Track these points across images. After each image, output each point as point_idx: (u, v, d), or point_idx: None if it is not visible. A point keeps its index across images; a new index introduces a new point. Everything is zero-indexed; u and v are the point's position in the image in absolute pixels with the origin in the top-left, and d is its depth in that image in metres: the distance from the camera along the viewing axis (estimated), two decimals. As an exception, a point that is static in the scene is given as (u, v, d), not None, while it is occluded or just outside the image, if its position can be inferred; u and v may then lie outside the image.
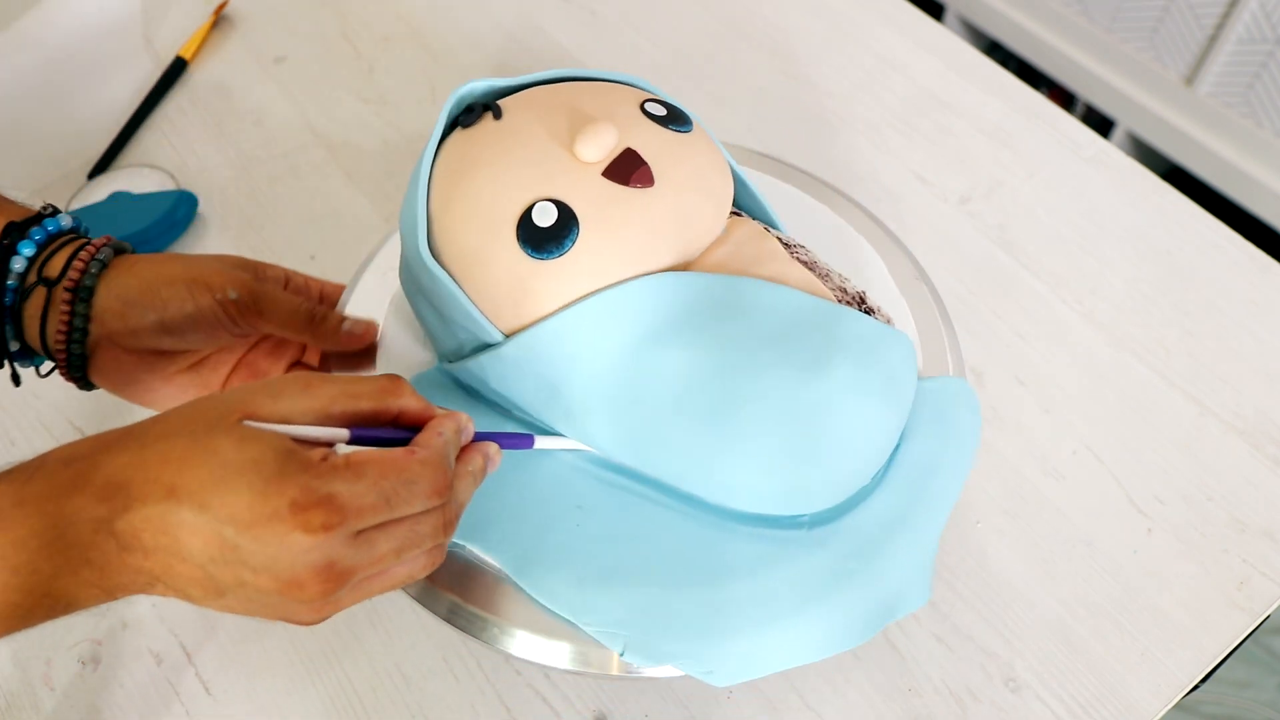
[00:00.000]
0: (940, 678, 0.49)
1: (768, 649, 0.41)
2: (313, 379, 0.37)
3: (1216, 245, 0.64)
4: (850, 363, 0.42)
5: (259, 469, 0.32)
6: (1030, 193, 0.67)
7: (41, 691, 0.51)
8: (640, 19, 0.79)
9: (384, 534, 0.34)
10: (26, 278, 0.46)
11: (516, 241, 0.43)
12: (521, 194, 0.43)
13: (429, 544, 0.36)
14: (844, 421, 0.42)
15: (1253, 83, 1.26)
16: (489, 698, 0.50)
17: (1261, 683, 1.07)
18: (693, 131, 0.47)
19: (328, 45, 0.79)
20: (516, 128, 0.45)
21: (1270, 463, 0.56)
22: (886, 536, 0.43)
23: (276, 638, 0.52)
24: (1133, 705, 0.48)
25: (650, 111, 0.46)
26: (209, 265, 0.47)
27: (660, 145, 0.45)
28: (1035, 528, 0.54)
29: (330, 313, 0.49)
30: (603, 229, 0.43)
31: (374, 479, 0.34)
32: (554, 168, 0.43)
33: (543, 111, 0.46)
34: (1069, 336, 0.61)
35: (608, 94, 0.47)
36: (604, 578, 0.42)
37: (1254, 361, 0.59)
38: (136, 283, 0.46)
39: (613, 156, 0.44)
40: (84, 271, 0.46)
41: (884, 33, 0.76)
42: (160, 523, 0.32)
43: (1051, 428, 0.57)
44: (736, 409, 0.42)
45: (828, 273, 0.46)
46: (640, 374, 0.43)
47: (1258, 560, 0.52)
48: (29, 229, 0.46)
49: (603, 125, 0.43)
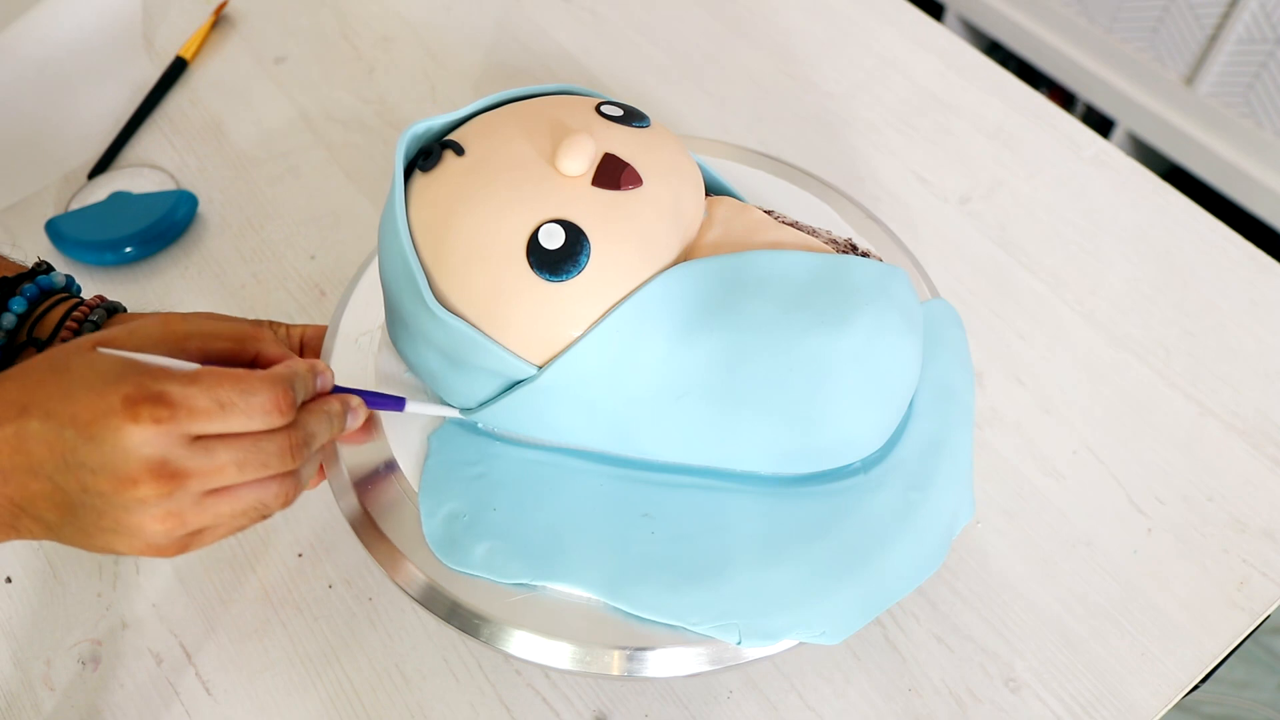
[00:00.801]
0: (940, 678, 0.49)
1: (867, 594, 0.42)
2: (172, 318, 0.38)
3: (1216, 245, 0.64)
4: (871, 306, 0.44)
5: (102, 376, 0.34)
6: (1030, 193, 0.67)
7: (41, 691, 0.51)
8: (640, 19, 0.79)
9: (223, 444, 0.35)
10: (16, 335, 0.46)
11: (530, 270, 0.42)
12: (522, 221, 0.42)
13: (275, 466, 0.37)
14: (882, 363, 0.44)
15: (1253, 83, 1.26)
16: (489, 698, 0.50)
17: (1261, 683, 1.07)
18: (651, 125, 0.48)
19: (328, 45, 0.79)
20: (486, 158, 0.44)
21: (1270, 463, 0.56)
22: (935, 461, 0.45)
23: (276, 638, 0.52)
24: (1133, 705, 0.48)
25: (608, 114, 0.47)
26: (196, 339, 0.43)
27: (631, 144, 0.45)
28: (1035, 528, 0.54)
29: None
30: (612, 238, 0.43)
31: (209, 385, 0.35)
32: (544, 188, 0.43)
33: (506, 137, 0.45)
34: (1069, 336, 0.61)
35: (561, 106, 0.47)
36: (695, 576, 0.43)
37: (1254, 361, 0.59)
38: (131, 323, 0.46)
39: (595, 165, 0.44)
40: (76, 333, 0.46)
41: (884, 33, 0.76)
42: (15, 440, 0.34)
43: (1051, 428, 0.57)
44: (781, 379, 0.43)
45: (814, 229, 0.48)
46: (681, 369, 0.43)
47: (1258, 560, 0.52)
48: (21, 285, 0.47)
49: (580, 136, 0.43)
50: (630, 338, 0.43)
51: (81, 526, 0.35)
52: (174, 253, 0.67)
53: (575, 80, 0.75)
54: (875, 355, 0.43)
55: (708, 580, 0.42)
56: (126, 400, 0.34)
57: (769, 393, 0.43)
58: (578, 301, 0.42)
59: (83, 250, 0.65)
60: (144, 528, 0.35)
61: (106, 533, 0.35)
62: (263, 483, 0.37)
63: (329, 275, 0.65)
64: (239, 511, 0.37)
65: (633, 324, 0.43)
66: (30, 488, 0.35)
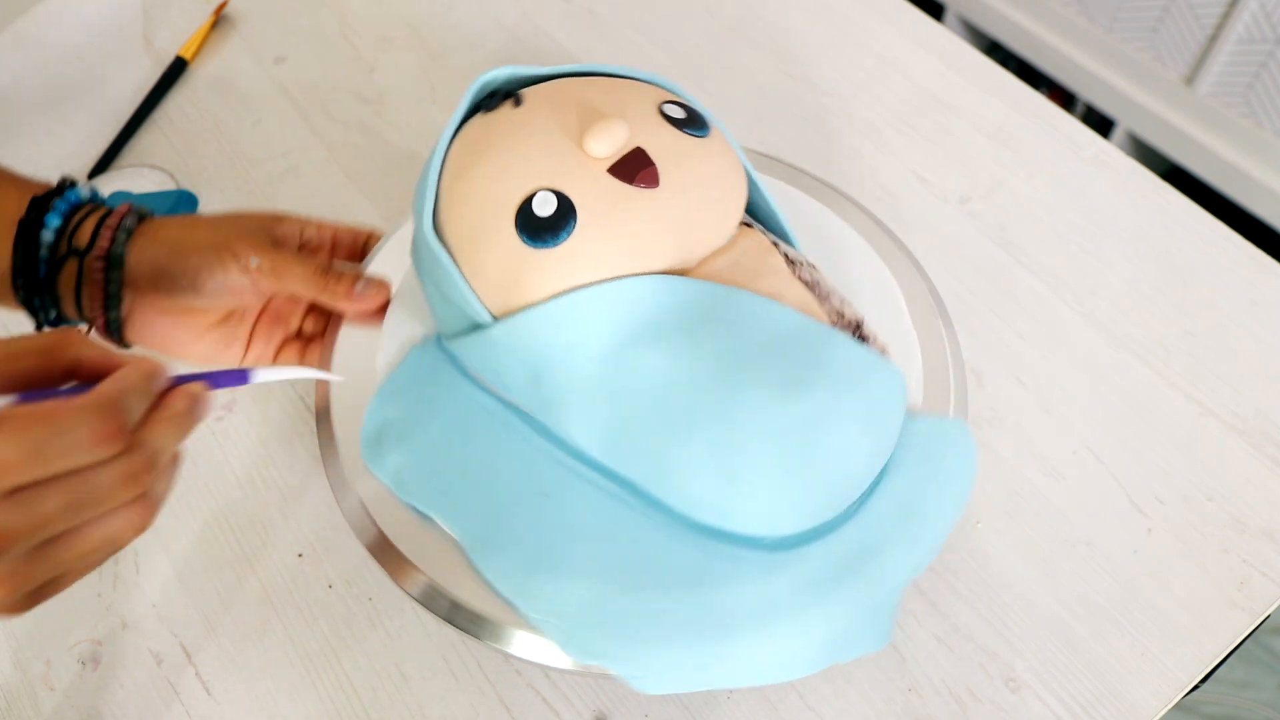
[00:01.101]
0: (940, 678, 0.49)
1: (702, 664, 0.40)
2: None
3: (1216, 245, 0.64)
4: (830, 387, 0.41)
5: None
6: (1030, 193, 0.67)
7: (41, 692, 0.51)
8: (640, 19, 0.79)
9: (47, 491, 0.32)
10: (56, 249, 0.48)
11: (514, 228, 0.43)
12: (525, 182, 0.43)
13: (116, 498, 0.33)
14: (817, 447, 0.41)
15: (1253, 83, 1.26)
16: (489, 698, 0.50)
17: (1261, 683, 1.07)
18: (709, 136, 0.47)
19: (328, 45, 0.79)
20: (532, 117, 0.45)
21: (1270, 463, 0.56)
22: (847, 573, 0.41)
23: (276, 637, 0.52)
24: (1133, 705, 0.48)
25: (668, 113, 0.46)
26: (232, 231, 0.49)
27: (672, 148, 0.45)
28: (1035, 528, 0.54)
29: (344, 276, 0.50)
30: (601, 224, 0.43)
31: (15, 432, 0.31)
32: (561, 160, 0.44)
33: (560, 104, 0.46)
34: (1069, 336, 0.61)
35: (627, 91, 0.47)
36: (554, 567, 0.42)
37: (1254, 361, 0.59)
38: (165, 250, 0.48)
39: (621, 154, 0.44)
40: (113, 240, 0.48)
41: (884, 33, 0.76)
42: None
43: (1051, 428, 0.57)
44: (708, 421, 0.41)
45: (829, 294, 0.46)
46: (619, 373, 0.43)
47: (1258, 560, 0.52)
48: (52, 201, 0.48)
49: (614, 122, 0.43)
50: (581, 324, 0.43)
51: None
52: (174, 253, 0.67)
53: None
54: (814, 437, 0.40)
55: (563, 578, 0.42)
56: None
57: (694, 433, 0.41)
58: (546, 271, 0.43)
59: (83, 250, 0.65)
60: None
61: None
62: (106, 518, 0.34)
63: (329, 275, 0.65)
64: (86, 553, 0.34)
65: (588, 312, 0.43)
66: None
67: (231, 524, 0.56)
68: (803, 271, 0.46)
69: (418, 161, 0.71)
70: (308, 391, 0.60)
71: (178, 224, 0.50)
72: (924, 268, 0.55)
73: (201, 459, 0.58)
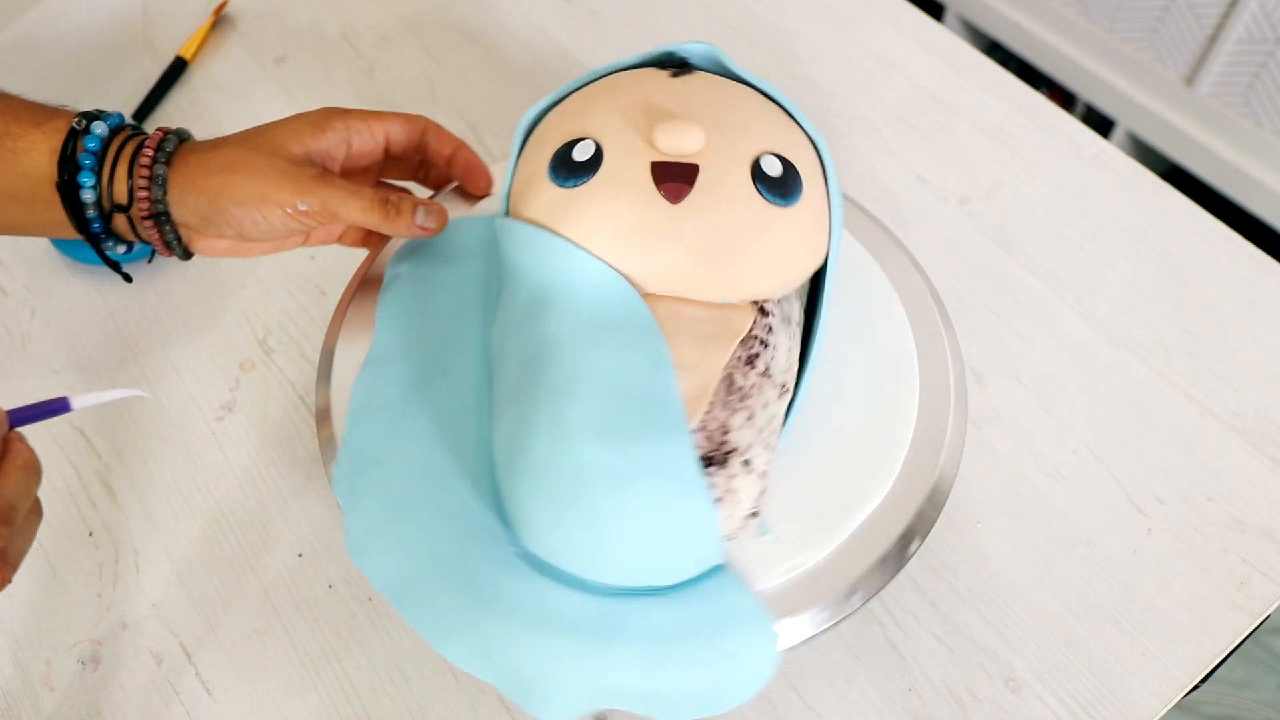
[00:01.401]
0: (940, 678, 0.49)
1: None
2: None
3: (1216, 245, 0.64)
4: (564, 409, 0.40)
5: None
6: (1030, 193, 0.67)
7: (41, 692, 0.51)
8: (640, 19, 0.79)
9: None
10: (102, 205, 0.47)
11: (554, 154, 0.45)
12: (589, 127, 0.45)
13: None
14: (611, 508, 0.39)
15: (1253, 83, 1.26)
16: (489, 698, 0.50)
17: (1261, 683, 1.07)
18: (790, 207, 0.44)
19: (328, 45, 0.79)
20: (660, 89, 0.46)
21: (1270, 463, 0.56)
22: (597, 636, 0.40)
23: (276, 638, 0.52)
24: (1133, 705, 0.48)
25: (762, 165, 0.44)
26: (272, 176, 0.46)
27: (728, 193, 0.43)
28: (1035, 528, 0.54)
29: (403, 206, 0.49)
30: (603, 198, 0.43)
31: None
32: (631, 132, 0.44)
33: (685, 93, 0.46)
34: (1069, 336, 0.61)
35: (754, 117, 0.46)
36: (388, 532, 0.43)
37: (1254, 361, 0.59)
38: (206, 201, 0.47)
39: (676, 159, 0.43)
40: (151, 196, 0.47)
41: (884, 33, 0.76)
42: None
43: (1051, 428, 0.57)
44: (521, 427, 0.41)
45: (749, 417, 0.42)
46: (508, 335, 0.45)
47: (1258, 560, 0.52)
48: (77, 157, 0.47)
49: (690, 129, 0.43)
50: (524, 264, 0.45)
51: None
52: (174, 253, 0.67)
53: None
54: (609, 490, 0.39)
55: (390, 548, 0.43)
56: None
57: (513, 430, 0.42)
58: (542, 201, 0.45)
59: (83, 250, 0.65)
60: None
61: None
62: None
63: (329, 275, 0.65)
64: None
65: (534, 255, 0.44)
66: None
67: (231, 524, 0.56)
68: (741, 376, 0.43)
69: (418, 161, 0.71)
70: (308, 391, 0.60)
71: (214, 164, 0.47)
72: (924, 268, 0.55)
73: (201, 459, 0.58)
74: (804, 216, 0.45)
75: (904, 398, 0.49)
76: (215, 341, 0.62)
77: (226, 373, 0.61)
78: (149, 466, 0.58)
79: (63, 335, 0.63)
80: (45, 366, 0.62)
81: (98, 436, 0.59)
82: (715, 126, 0.45)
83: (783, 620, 0.43)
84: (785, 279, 0.45)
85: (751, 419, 0.43)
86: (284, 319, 0.63)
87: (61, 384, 0.61)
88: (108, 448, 0.58)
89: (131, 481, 0.57)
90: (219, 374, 0.61)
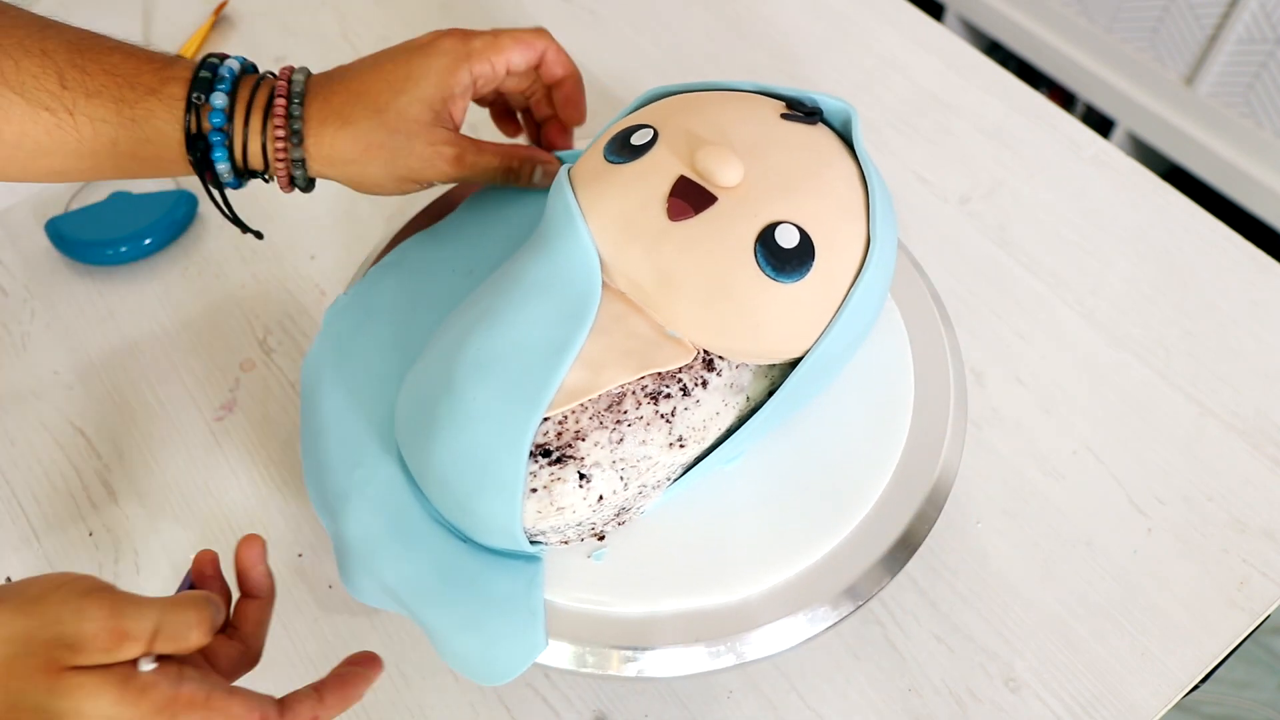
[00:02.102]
0: (940, 678, 0.49)
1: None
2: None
3: (1216, 245, 0.64)
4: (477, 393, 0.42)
5: None
6: (1030, 193, 0.67)
7: (41, 691, 0.51)
8: (640, 19, 0.79)
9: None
10: (237, 169, 0.49)
11: (618, 132, 0.46)
12: (665, 121, 0.45)
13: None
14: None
15: (1253, 83, 1.26)
16: (489, 698, 0.50)
17: (1261, 683, 1.07)
18: (788, 284, 0.42)
19: (328, 45, 0.78)
20: (752, 124, 0.46)
21: (1270, 463, 0.56)
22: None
23: (276, 638, 0.52)
24: (1133, 705, 0.48)
25: (777, 236, 0.42)
26: (412, 161, 0.49)
27: (718, 249, 0.42)
28: (1035, 528, 0.54)
29: (524, 168, 0.52)
30: (621, 184, 0.44)
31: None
32: (689, 138, 0.44)
33: (770, 139, 0.45)
34: (1069, 336, 0.61)
35: (804, 191, 0.43)
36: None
37: (1254, 361, 0.59)
38: (344, 177, 0.49)
39: (703, 183, 0.42)
40: (290, 176, 0.49)
41: (884, 33, 0.76)
42: None
43: (1051, 428, 0.57)
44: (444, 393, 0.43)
45: (618, 441, 0.42)
46: (502, 267, 0.47)
47: (1258, 560, 0.52)
48: (205, 131, 0.47)
49: (728, 161, 0.42)
50: (548, 212, 0.46)
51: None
52: (174, 253, 0.67)
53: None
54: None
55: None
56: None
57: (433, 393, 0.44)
58: (587, 168, 0.46)
59: (83, 250, 0.65)
60: None
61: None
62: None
63: (329, 275, 0.65)
64: None
65: (553, 207, 0.46)
66: None
67: (231, 524, 0.56)
68: (639, 407, 0.43)
69: (418, 161, 0.71)
70: (308, 391, 0.60)
71: (350, 149, 0.48)
72: (924, 268, 0.55)
73: (201, 459, 0.58)
74: (796, 299, 0.42)
75: (903, 398, 0.49)
76: (215, 341, 0.62)
77: (226, 373, 0.61)
78: (149, 466, 0.58)
79: (63, 335, 0.63)
80: (45, 366, 0.62)
81: (98, 436, 0.59)
82: (763, 174, 0.43)
83: (783, 620, 0.43)
84: (739, 347, 0.43)
85: (618, 444, 0.42)
86: (284, 319, 0.63)
87: (61, 384, 0.61)
88: (108, 448, 0.58)
89: (131, 481, 0.57)
90: (219, 374, 0.61)
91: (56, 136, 0.46)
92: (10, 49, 0.45)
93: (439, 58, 0.49)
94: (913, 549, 0.45)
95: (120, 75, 0.46)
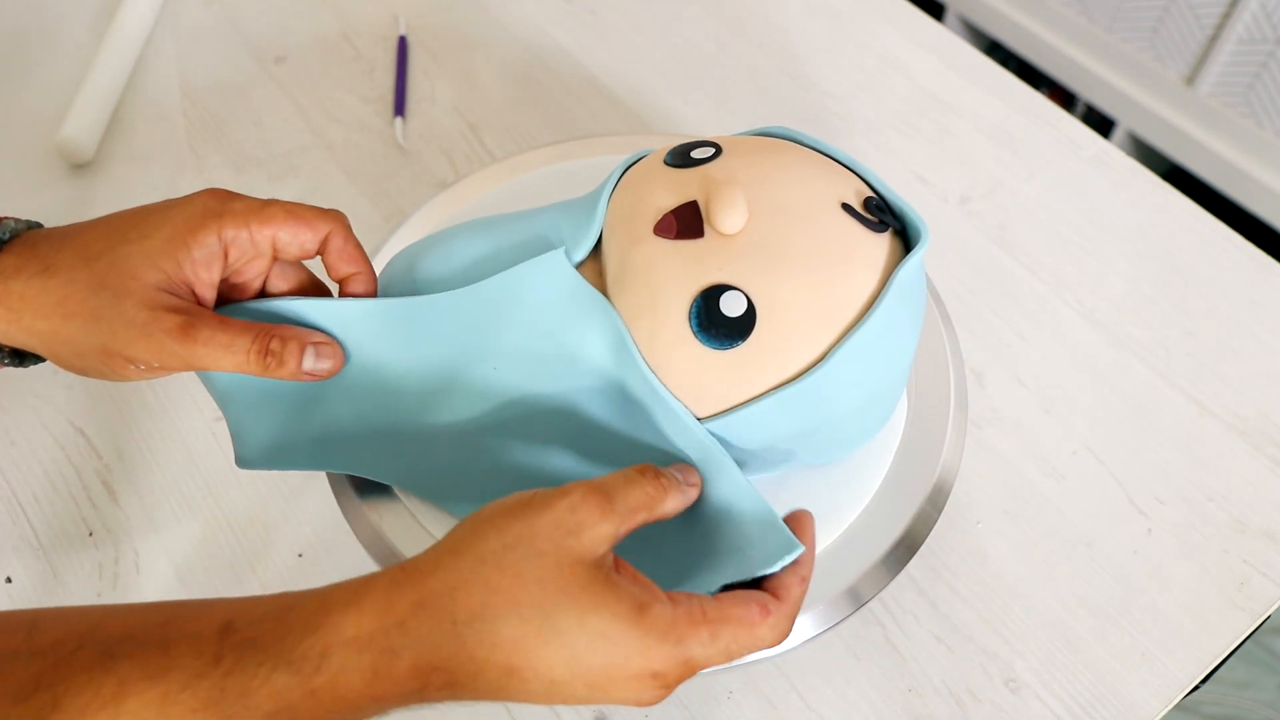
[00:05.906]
0: (940, 678, 0.49)
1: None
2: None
3: (1216, 245, 0.64)
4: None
5: (613, 644, 0.33)
6: (1030, 193, 0.67)
7: (41, 691, 0.51)
8: (641, 19, 0.79)
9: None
10: None
11: (689, 142, 0.46)
12: (729, 146, 0.45)
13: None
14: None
15: (1253, 83, 1.26)
16: (489, 698, 0.50)
17: (1261, 683, 1.07)
18: (718, 350, 0.40)
19: (328, 45, 0.78)
20: (764, 161, 0.44)
21: (1270, 463, 0.56)
22: None
23: (276, 638, 0.52)
24: (1133, 705, 0.48)
25: (723, 299, 0.40)
26: (119, 327, 0.38)
27: (655, 278, 0.41)
28: (1035, 528, 0.54)
29: (286, 351, 0.41)
30: (643, 171, 0.45)
31: (726, 642, 0.34)
32: (700, 173, 0.43)
33: (802, 232, 0.41)
34: (1069, 336, 0.61)
35: (795, 266, 0.40)
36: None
37: (1254, 361, 0.59)
38: (40, 347, 0.40)
39: (702, 214, 0.41)
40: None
41: (884, 33, 0.76)
42: (500, 691, 0.33)
43: (1051, 428, 0.57)
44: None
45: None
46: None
47: (1258, 560, 0.52)
48: None
49: (735, 208, 0.40)
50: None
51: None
52: (174, 253, 0.67)
53: (572, 81, 0.75)
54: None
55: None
56: (658, 677, 0.34)
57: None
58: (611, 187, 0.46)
59: (83, 250, 0.64)
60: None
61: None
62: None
63: (329, 275, 0.65)
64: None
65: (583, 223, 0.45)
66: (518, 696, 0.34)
67: (231, 524, 0.56)
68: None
69: (418, 161, 0.71)
70: (308, 391, 0.60)
71: (47, 302, 0.38)
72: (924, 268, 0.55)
73: (201, 459, 0.58)
74: (702, 363, 0.40)
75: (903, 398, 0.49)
76: (215, 341, 0.62)
77: (226, 373, 0.61)
78: (149, 466, 0.58)
79: (63, 335, 0.63)
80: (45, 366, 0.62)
81: (98, 436, 0.59)
82: (762, 242, 0.40)
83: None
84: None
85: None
86: (284, 319, 0.63)
87: (61, 384, 0.61)
88: (108, 448, 0.58)
89: (131, 481, 0.57)
90: (219, 374, 0.61)
91: None
92: None
93: (183, 210, 0.40)
94: (913, 549, 0.45)
95: None
